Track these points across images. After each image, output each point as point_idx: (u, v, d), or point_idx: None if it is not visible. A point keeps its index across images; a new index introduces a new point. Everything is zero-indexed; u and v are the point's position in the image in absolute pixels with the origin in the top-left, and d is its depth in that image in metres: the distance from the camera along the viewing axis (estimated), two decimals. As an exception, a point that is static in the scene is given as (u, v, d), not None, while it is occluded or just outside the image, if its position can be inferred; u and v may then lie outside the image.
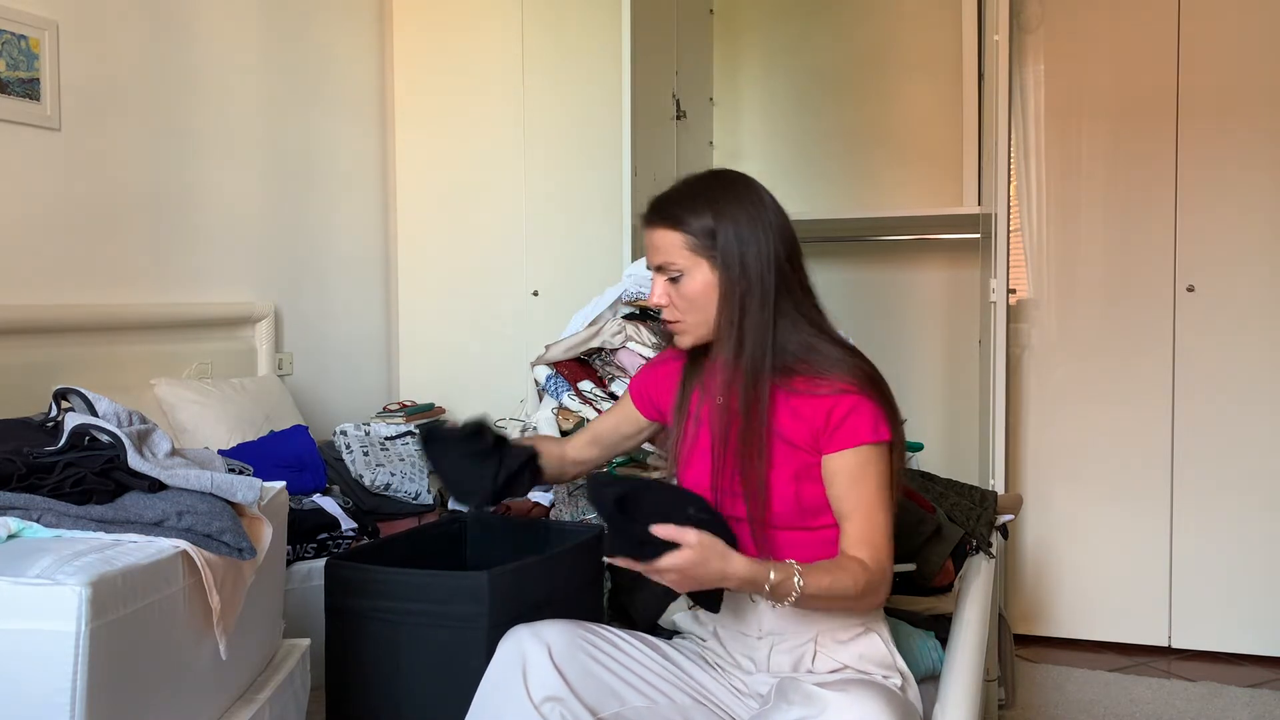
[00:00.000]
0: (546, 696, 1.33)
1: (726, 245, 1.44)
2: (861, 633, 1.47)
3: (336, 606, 1.59)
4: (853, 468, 1.41)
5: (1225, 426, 3.08)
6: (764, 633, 1.48)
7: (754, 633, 1.49)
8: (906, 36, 3.57)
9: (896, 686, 1.44)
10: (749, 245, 1.44)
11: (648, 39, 2.91)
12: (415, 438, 2.80)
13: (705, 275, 1.45)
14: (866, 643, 1.46)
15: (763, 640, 1.48)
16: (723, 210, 1.45)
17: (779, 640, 1.47)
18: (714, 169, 1.56)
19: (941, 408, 3.49)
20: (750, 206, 1.46)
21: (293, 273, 3.28)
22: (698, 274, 1.46)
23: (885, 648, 1.47)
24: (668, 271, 1.48)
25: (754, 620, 1.49)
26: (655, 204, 1.50)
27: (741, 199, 1.47)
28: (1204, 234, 3.09)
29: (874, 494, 1.40)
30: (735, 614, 1.51)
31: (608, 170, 3.24)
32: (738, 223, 1.44)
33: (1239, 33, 3.03)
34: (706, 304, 1.46)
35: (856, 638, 1.46)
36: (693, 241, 1.45)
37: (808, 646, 1.46)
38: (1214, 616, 3.10)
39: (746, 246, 1.44)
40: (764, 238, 1.45)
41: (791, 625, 1.47)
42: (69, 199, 2.51)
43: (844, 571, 1.36)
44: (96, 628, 1.08)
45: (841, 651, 1.45)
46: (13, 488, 1.29)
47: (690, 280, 1.46)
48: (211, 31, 2.94)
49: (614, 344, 2.12)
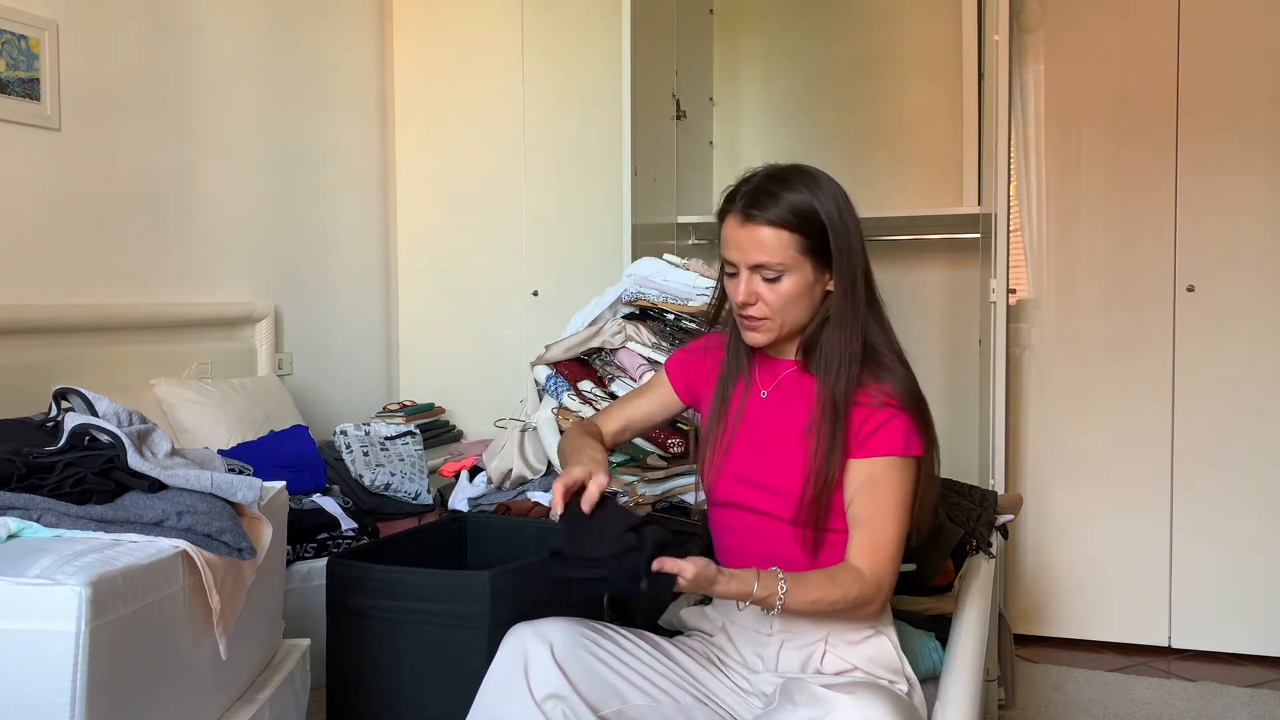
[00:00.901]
0: (548, 694, 1.34)
1: (840, 251, 1.43)
2: (872, 635, 1.47)
3: (338, 606, 1.59)
4: (875, 477, 1.41)
5: (1225, 426, 3.08)
6: (775, 630, 1.48)
7: (765, 629, 1.49)
8: (906, 36, 3.57)
9: (903, 692, 1.44)
10: (857, 250, 1.44)
11: (648, 39, 2.91)
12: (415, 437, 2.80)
13: (807, 276, 1.43)
14: (876, 645, 1.46)
15: (773, 637, 1.48)
16: (831, 212, 1.43)
17: (789, 638, 1.47)
18: (796, 165, 1.49)
19: (941, 408, 3.47)
20: (848, 211, 1.45)
21: (293, 273, 3.28)
22: (799, 275, 1.43)
23: (895, 653, 1.47)
24: (766, 270, 1.43)
25: (765, 618, 1.49)
26: (755, 198, 1.43)
27: (841, 203, 1.45)
28: (1204, 234, 3.08)
29: (890, 507, 1.40)
30: (747, 612, 1.51)
31: (608, 170, 3.24)
32: (845, 225, 1.43)
33: (1239, 33, 3.03)
34: (800, 304, 1.45)
35: (867, 639, 1.46)
36: (803, 244, 1.42)
37: (818, 646, 1.46)
38: (1214, 616, 3.10)
39: (855, 252, 1.44)
40: (858, 239, 1.45)
41: (802, 624, 1.47)
42: (69, 199, 2.51)
43: (834, 584, 1.36)
44: (96, 628, 1.08)
45: (851, 652, 1.45)
46: (13, 488, 1.29)
47: (791, 280, 1.43)
48: (211, 31, 2.94)
49: (614, 344, 2.12)
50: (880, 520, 1.39)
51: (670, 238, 3.23)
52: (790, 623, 1.47)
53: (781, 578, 1.33)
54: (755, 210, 1.42)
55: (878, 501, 1.40)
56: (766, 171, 1.48)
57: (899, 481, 1.41)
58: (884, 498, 1.40)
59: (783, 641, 1.47)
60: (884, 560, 1.39)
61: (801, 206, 1.42)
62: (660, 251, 2.38)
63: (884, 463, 1.41)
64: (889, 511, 1.40)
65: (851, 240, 1.44)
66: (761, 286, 1.44)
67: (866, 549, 1.39)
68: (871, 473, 1.41)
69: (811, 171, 1.48)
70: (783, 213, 1.41)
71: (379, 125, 3.69)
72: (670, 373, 1.67)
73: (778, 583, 1.33)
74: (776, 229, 1.41)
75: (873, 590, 1.38)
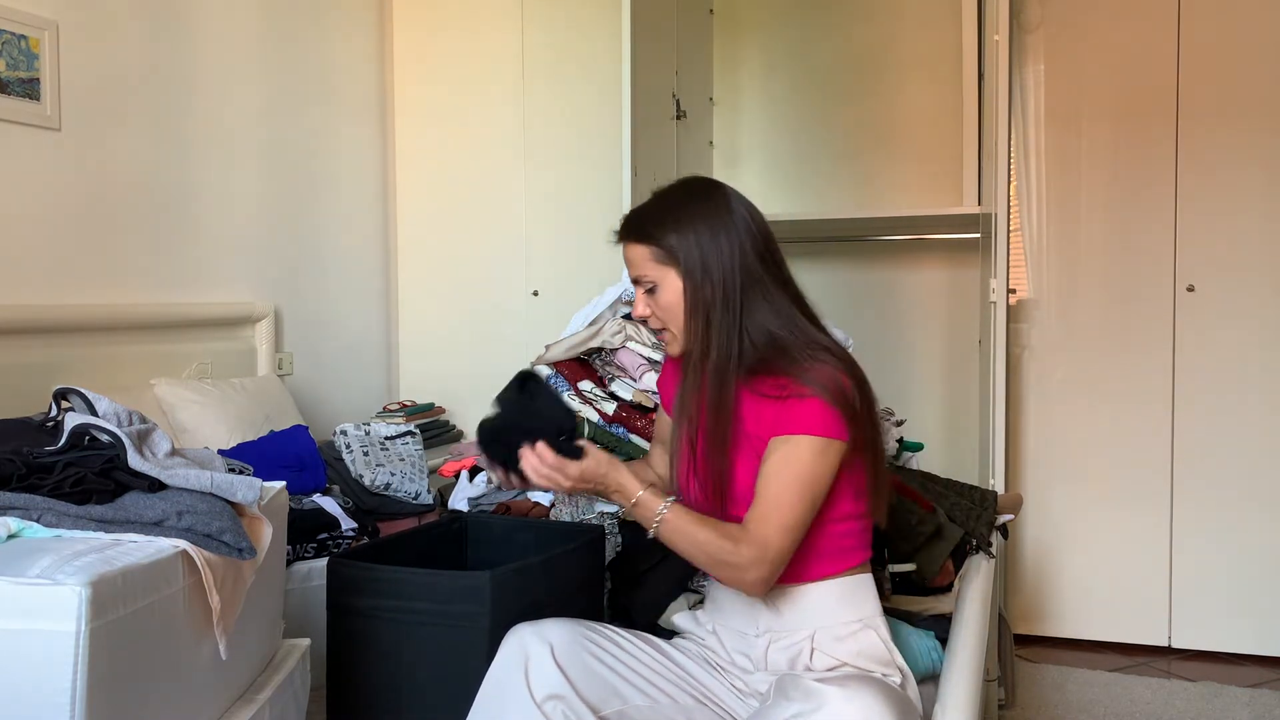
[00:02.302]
0: (549, 695, 1.34)
1: (688, 253, 1.47)
2: (859, 629, 1.47)
3: (338, 605, 1.59)
4: (784, 452, 1.41)
5: (1225, 426, 3.08)
6: (761, 630, 1.49)
7: (752, 630, 1.50)
8: (906, 36, 3.57)
9: (896, 684, 1.44)
10: (710, 250, 1.46)
11: (648, 39, 2.91)
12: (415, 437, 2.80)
13: (675, 284, 1.49)
14: (864, 639, 1.47)
15: (760, 638, 1.49)
16: (683, 219, 1.48)
17: (776, 637, 1.48)
18: (685, 178, 1.58)
19: (941, 408, 3.49)
20: (712, 211, 1.49)
21: (293, 273, 3.28)
22: (668, 283, 1.49)
23: (883, 645, 1.47)
24: (643, 284, 1.52)
25: (751, 618, 1.50)
26: (626, 220, 1.54)
27: (704, 205, 1.49)
28: (1204, 234, 3.09)
29: (789, 481, 1.40)
30: (732, 613, 1.52)
31: (608, 170, 3.24)
32: (698, 229, 1.47)
33: (1239, 33, 3.03)
34: (681, 310, 1.49)
35: (854, 634, 1.47)
36: (658, 253, 1.49)
37: (804, 644, 1.46)
38: (1214, 616, 3.10)
39: (708, 251, 1.46)
40: (727, 239, 1.47)
41: (789, 623, 1.47)
42: (69, 199, 2.51)
43: (717, 530, 1.40)
44: (96, 628, 1.08)
45: (839, 648, 1.46)
46: (13, 488, 1.29)
47: (663, 291, 1.50)
48: (211, 31, 2.94)
49: (614, 344, 2.12)
50: (778, 495, 1.40)
51: (670, 238, 3.22)
52: (777, 621, 1.48)
53: (667, 502, 1.40)
54: (623, 230, 1.54)
55: (779, 475, 1.41)
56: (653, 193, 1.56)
57: (809, 460, 1.40)
58: (786, 472, 1.40)
59: (770, 641, 1.48)
60: (772, 527, 1.39)
61: (656, 218, 1.50)
62: (660, 251, 2.38)
63: (795, 440, 1.41)
64: (788, 485, 1.40)
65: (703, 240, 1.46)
66: (649, 300, 1.52)
67: (756, 514, 1.40)
68: (781, 449, 1.42)
69: (689, 182, 1.56)
70: (640, 227, 1.51)
71: (379, 125, 3.69)
72: (662, 396, 1.72)
73: (661, 502, 1.40)
74: (634, 244, 1.51)
75: (752, 553, 1.37)
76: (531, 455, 1.44)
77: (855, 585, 1.50)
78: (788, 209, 3.66)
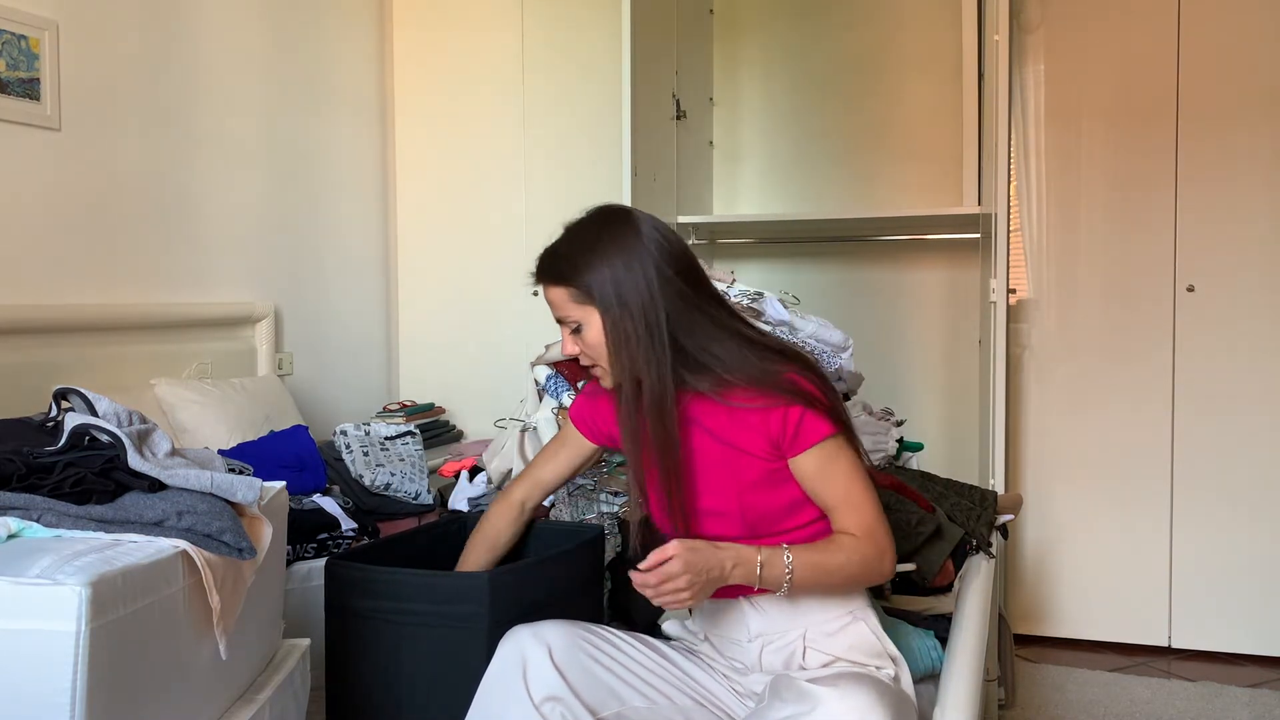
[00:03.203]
0: (547, 696, 1.34)
1: (602, 289, 1.45)
2: (849, 622, 1.47)
3: (337, 606, 1.59)
4: (820, 463, 1.43)
5: (1225, 426, 3.08)
6: (753, 635, 1.49)
7: (743, 637, 1.50)
8: (906, 36, 3.57)
9: (890, 676, 1.44)
10: (624, 281, 1.45)
11: (648, 39, 2.91)
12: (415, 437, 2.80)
13: (597, 322, 1.48)
14: (855, 632, 1.47)
15: (752, 643, 1.49)
16: (594, 254, 1.46)
17: (768, 641, 1.48)
18: (596, 208, 1.54)
19: (941, 408, 3.49)
20: (622, 242, 1.46)
21: (293, 273, 3.28)
22: (591, 322, 1.48)
23: (874, 636, 1.47)
24: (568, 324, 1.51)
25: (741, 624, 1.50)
26: (540, 261, 1.52)
27: (614, 237, 1.47)
28: (1204, 234, 3.09)
29: (849, 479, 1.43)
30: (723, 620, 1.52)
31: (608, 170, 3.24)
32: (611, 263, 1.45)
33: (1239, 33, 3.03)
34: (607, 347, 1.48)
35: (844, 628, 1.47)
36: (576, 294, 1.48)
37: (796, 644, 1.46)
38: (1214, 616, 3.10)
39: (622, 283, 1.45)
40: (641, 267, 1.45)
41: (779, 624, 1.47)
42: (69, 199, 2.51)
43: (834, 545, 1.40)
44: (96, 628, 1.08)
45: (830, 644, 1.46)
46: (13, 488, 1.29)
47: (588, 330, 1.49)
48: (212, 32, 2.94)
49: (614, 344, 2.12)
50: (846, 492, 1.43)
51: (670, 238, 3.23)
52: (767, 625, 1.48)
53: (785, 549, 1.37)
54: (539, 272, 1.52)
55: (836, 482, 1.43)
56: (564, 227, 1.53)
57: (845, 456, 1.44)
58: (839, 475, 1.43)
59: (762, 645, 1.48)
60: (871, 520, 1.42)
61: (567, 258, 1.48)
62: (660, 251, 2.38)
63: (819, 448, 1.43)
64: (850, 483, 1.43)
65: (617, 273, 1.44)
66: (575, 339, 1.52)
67: (849, 518, 1.42)
68: (815, 461, 1.43)
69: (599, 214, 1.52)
70: (554, 269, 1.50)
71: (379, 125, 3.69)
72: (576, 421, 1.70)
73: (783, 553, 1.37)
74: (551, 286, 1.50)
75: (871, 547, 1.41)
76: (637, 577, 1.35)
77: None
78: (788, 209, 3.66)
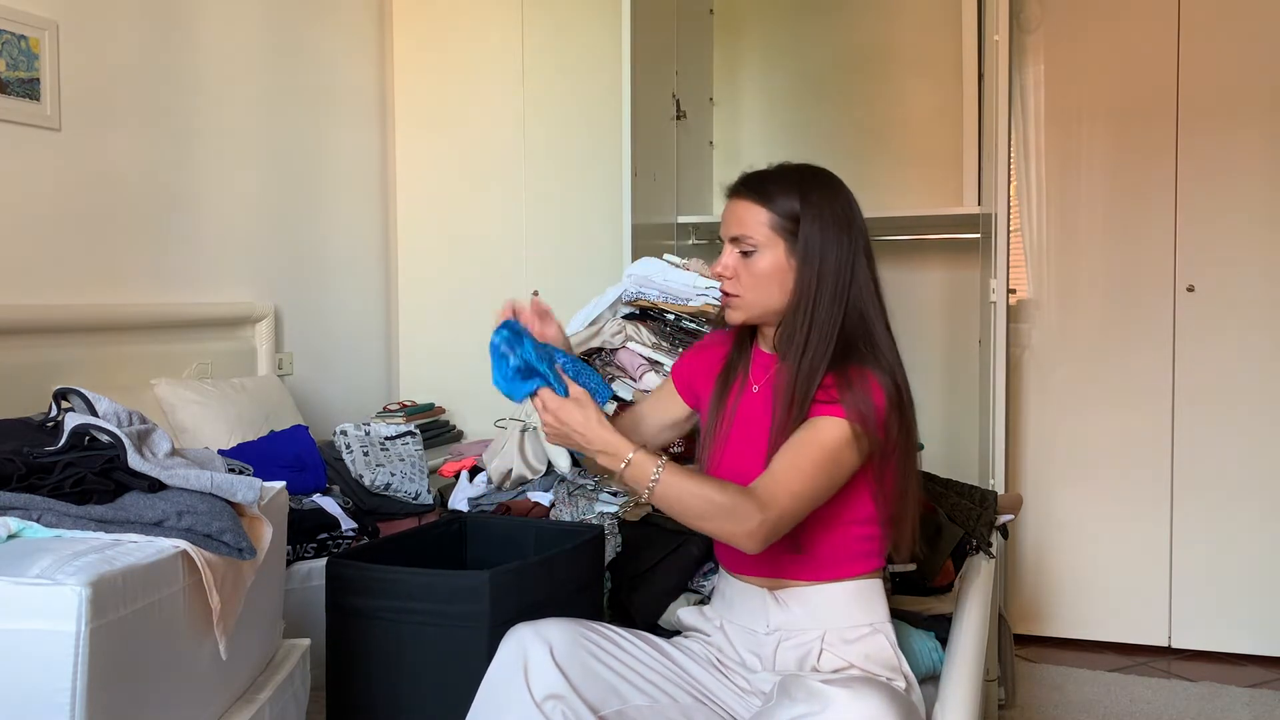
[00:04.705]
0: (548, 694, 1.34)
1: (809, 235, 1.44)
2: (869, 633, 1.47)
3: (337, 606, 1.59)
4: (814, 429, 1.39)
5: (1225, 426, 3.08)
6: (772, 628, 1.48)
7: (761, 628, 1.49)
8: (906, 36, 3.57)
9: (900, 689, 1.44)
10: (830, 241, 1.45)
11: (648, 39, 2.91)
12: (415, 437, 2.81)
13: (779, 257, 1.46)
14: (873, 643, 1.46)
15: (770, 636, 1.48)
16: (812, 200, 1.46)
17: (786, 636, 1.47)
18: (811, 165, 1.53)
19: (941, 408, 3.49)
20: (840, 205, 1.47)
21: (293, 273, 3.28)
22: (771, 253, 1.46)
23: (892, 651, 1.47)
24: (742, 244, 1.48)
25: (761, 616, 1.49)
26: (746, 177, 1.51)
27: (834, 196, 1.48)
28: (1204, 234, 3.08)
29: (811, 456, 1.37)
30: (743, 610, 1.51)
31: (608, 170, 3.24)
32: (823, 217, 1.45)
33: (1239, 33, 3.03)
34: (771, 285, 1.47)
35: (863, 638, 1.46)
36: (776, 221, 1.46)
37: (814, 644, 1.46)
38: (1214, 616, 3.10)
39: (829, 242, 1.45)
40: (847, 239, 1.45)
41: (800, 622, 1.47)
42: (69, 199, 2.51)
43: (715, 485, 1.36)
44: (96, 628, 1.08)
45: (848, 650, 1.46)
46: (13, 488, 1.29)
47: (763, 258, 1.46)
48: (211, 32, 2.94)
49: (614, 344, 2.12)
50: (794, 459, 1.37)
51: (670, 238, 3.23)
52: (787, 620, 1.47)
53: (661, 460, 1.35)
54: (741, 185, 1.50)
55: (803, 446, 1.38)
56: (775, 164, 1.53)
57: (834, 440, 1.38)
58: (810, 445, 1.38)
59: (780, 640, 1.48)
60: (781, 488, 1.36)
61: (783, 187, 1.47)
62: (660, 251, 2.38)
63: (826, 420, 1.39)
64: (808, 456, 1.37)
65: (827, 231, 1.44)
66: (739, 262, 1.48)
67: (768, 476, 1.38)
68: (813, 425, 1.40)
69: (817, 169, 1.52)
70: (763, 189, 1.48)
71: (379, 126, 3.69)
72: (674, 373, 1.68)
73: (656, 461, 1.35)
74: (752, 204, 1.47)
75: (754, 507, 1.33)
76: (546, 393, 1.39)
77: (868, 589, 1.49)
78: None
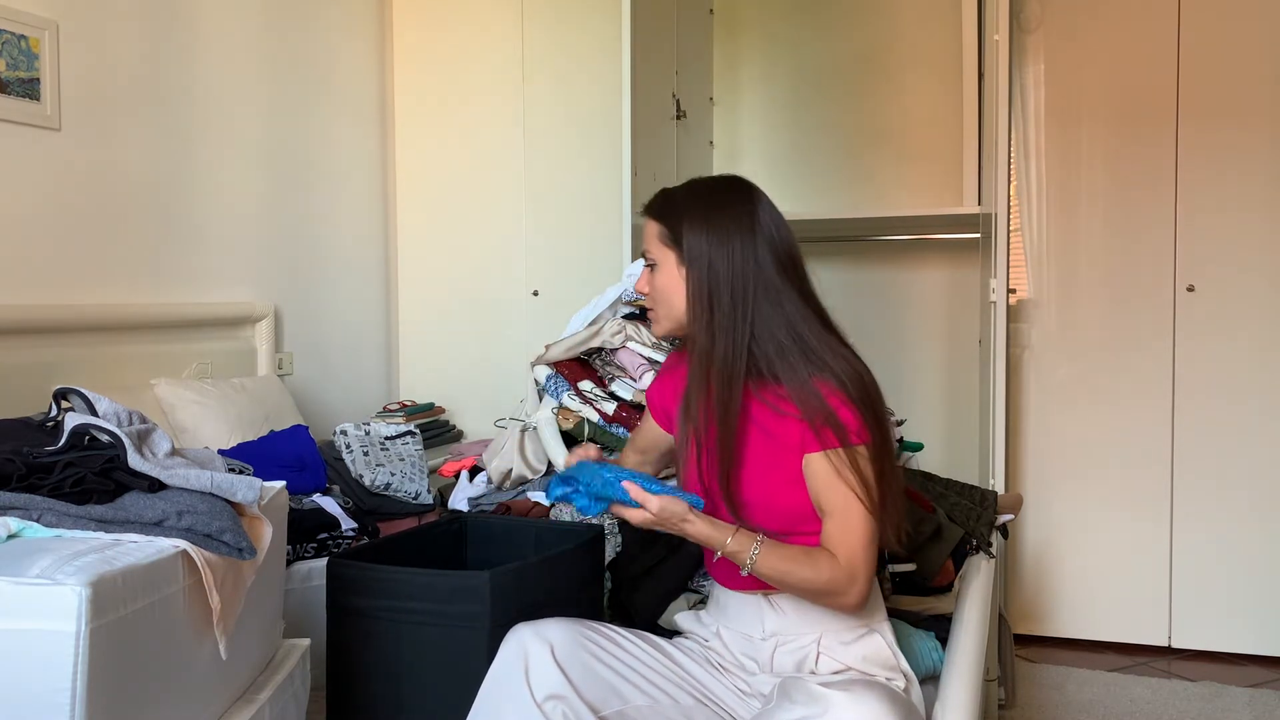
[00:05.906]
0: (549, 695, 1.34)
1: (692, 242, 1.47)
2: (865, 634, 1.47)
3: (338, 605, 1.59)
4: (830, 469, 1.40)
5: (1225, 426, 3.08)
6: (767, 634, 1.48)
7: (758, 634, 1.49)
8: (906, 36, 3.57)
9: (900, 688, 1.43)
10: (719, 247, 1.46)
11: (648, 39, 2.91)
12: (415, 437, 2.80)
13: (672, 269, 1.50)
14: (870, 644, 1.46)
15: (766, 641, 1.48)
16: (700, 211, 1.48)
17: (782, 641, 1.47)
18: (724, 176, 1.57)
19: (941, 408, 3.49)
20: (735, 210, 1.48)
21: (293, 273, 3.28)
22: (667, 266, 1.51)
23: (889, 649, 1.47)
24: (647, 260, 1.55)
25: (757, 621, 1.49)
26: (656, 194, 1.56)
27: (728, 203, 1.49)
28: (1204, 234, 3.09)
29: (851, 496, 1.40)
30: (738, 616, 1.51)
31: (608, 170, 3.24)
32: (712, 224, 1.47)
33: (1239, 33, 3.03)
34: (671, 296, 1.51)
35: (860, 639, 1.46)
36: (664, 233, 1.51)
37: (811, 648, 1.46)
38: (1214, 616, 3.10)
39: (716, 248, 1.46)
40: (742, 243, 1.45)
41: (795, 626, 1.47)
42: (69, 199, 2.51)
43: (810, 560, 1.38)
44: (96, 628, 1.08)
45: (844, 652, 1.45)
46: (13, 488, 1.29)
47: (660, 271, 1.52)
48: (212, 31, 2.94)
49: (614, 344, 2.12)
50: (844, 510, 1.40)
51: (670, 238, 3.23)
52: (783, 625, 1.47)
53: (759, 539, 1.38)
54: (646, 204, 1.56)
55: (838, 492, 1.40)
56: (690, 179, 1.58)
57: (856, 471, 1.40)
58: (843, 488, 1.40)
59: (776, 644, 1.47)
60: (856, 547, 1.38)
61: (674, 200, 1.52)
62: (660, 251, 2.38)
63: (835, 454, 1.40)
64: (851, 501, 1.39)
65: (714, 236, 1.46)
66: (648, 277, 1.55)
67: (836, 535, 1.40)
68: (826, 466, 1.41)
69: (723, 178, 1.56)
70: (656, 204, 1.54)
71: (379, 125, 3.69)
72: (650, 406, 1.69)
73: (753, 542, 1.38)
74: (649, 220, 1.54)
75: (844, 578, 1.37)
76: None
77: None
78: (788, 209, 3.61)
